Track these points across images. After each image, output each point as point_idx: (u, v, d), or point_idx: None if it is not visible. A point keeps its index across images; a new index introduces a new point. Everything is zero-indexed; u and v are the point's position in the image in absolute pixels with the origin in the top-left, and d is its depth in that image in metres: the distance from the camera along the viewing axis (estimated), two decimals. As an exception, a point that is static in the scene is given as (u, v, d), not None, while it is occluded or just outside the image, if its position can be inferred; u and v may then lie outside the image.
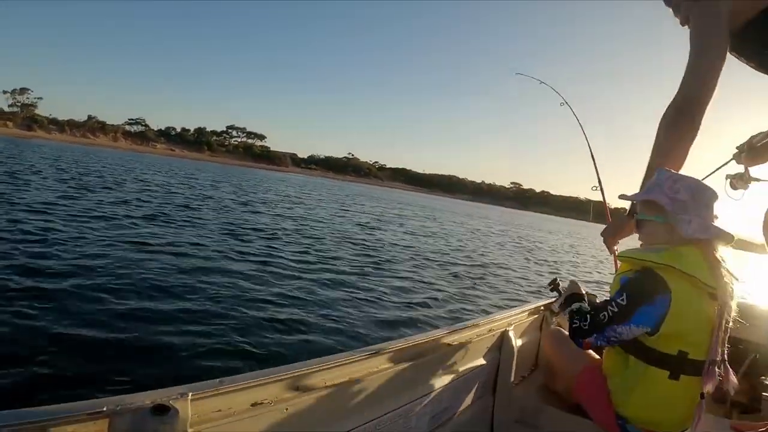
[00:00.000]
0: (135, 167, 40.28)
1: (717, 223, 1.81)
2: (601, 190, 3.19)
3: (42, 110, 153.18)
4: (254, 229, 13.22)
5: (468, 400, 1.99)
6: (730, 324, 1.74)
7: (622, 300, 1.77)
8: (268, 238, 12.16)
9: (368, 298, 7.62)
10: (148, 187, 21.79)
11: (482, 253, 17.62)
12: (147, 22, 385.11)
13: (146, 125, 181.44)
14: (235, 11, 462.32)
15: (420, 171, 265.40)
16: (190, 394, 0.89)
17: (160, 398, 0.87)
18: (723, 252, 1.80)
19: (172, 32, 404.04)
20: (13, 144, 60.07)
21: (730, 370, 1.75)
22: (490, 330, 2.10)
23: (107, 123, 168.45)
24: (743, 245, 1.93)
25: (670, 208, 1.80)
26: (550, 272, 15.67)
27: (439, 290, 9.27)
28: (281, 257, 9.87)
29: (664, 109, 1.96)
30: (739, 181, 2.40)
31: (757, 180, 2.36)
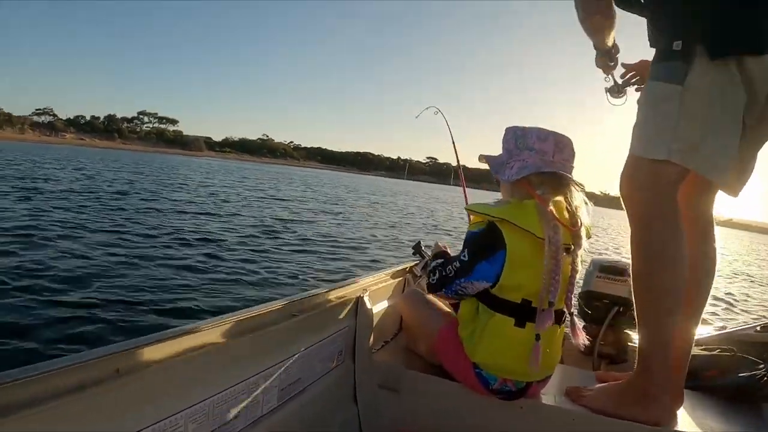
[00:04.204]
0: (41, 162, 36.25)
1: (565, 167, 1.80)
2: (463, 180, 3.09)
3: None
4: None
5: (324, 369, 1.90)
6: (576, 274, 1.81)
7: (464, 256, 1.79)
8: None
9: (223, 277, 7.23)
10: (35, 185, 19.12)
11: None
12: (45, 7, 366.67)
13: (55, 115, 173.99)
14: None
15: (336, 150, 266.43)
16: None
17: None
18: (576, 201, 1.82)
19: (75, 16, 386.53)
20: None
21: (578, 324, 1.86)
22: (342, 297, 1.99)
23: (13, 114, 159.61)
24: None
25: (502, 159, 1.86)
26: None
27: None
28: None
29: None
30: (614, 91, 2.44)
31: (628, 84, 2.38)
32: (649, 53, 1.93)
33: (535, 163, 1.77)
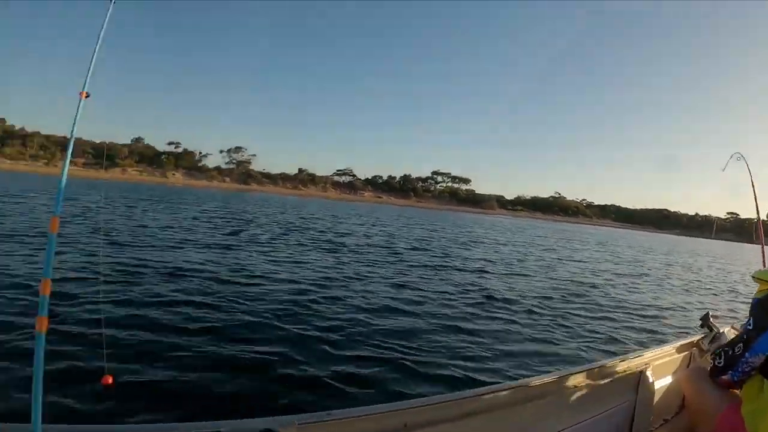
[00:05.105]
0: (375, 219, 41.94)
1: None
2: (762, 236, 2.90)
3: (255, 166, 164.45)
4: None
5: None
6: None
7: (749, 325, 1.67)
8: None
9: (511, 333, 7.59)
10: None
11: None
12: (337, 84, 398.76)
13: (354, 175, 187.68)
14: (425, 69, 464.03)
15: (629, 207, 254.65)
16: (296, 422, 0.96)
17: (269, 425, 0.96)
18: None
19: (388, 89, 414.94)
20: (233, 196, 70.48)
21: None
22: (624, 371, 1.94)
23: (317, 175, 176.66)
24: None
25: None
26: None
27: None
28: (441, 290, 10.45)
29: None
30: None
31: None
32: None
33: None
